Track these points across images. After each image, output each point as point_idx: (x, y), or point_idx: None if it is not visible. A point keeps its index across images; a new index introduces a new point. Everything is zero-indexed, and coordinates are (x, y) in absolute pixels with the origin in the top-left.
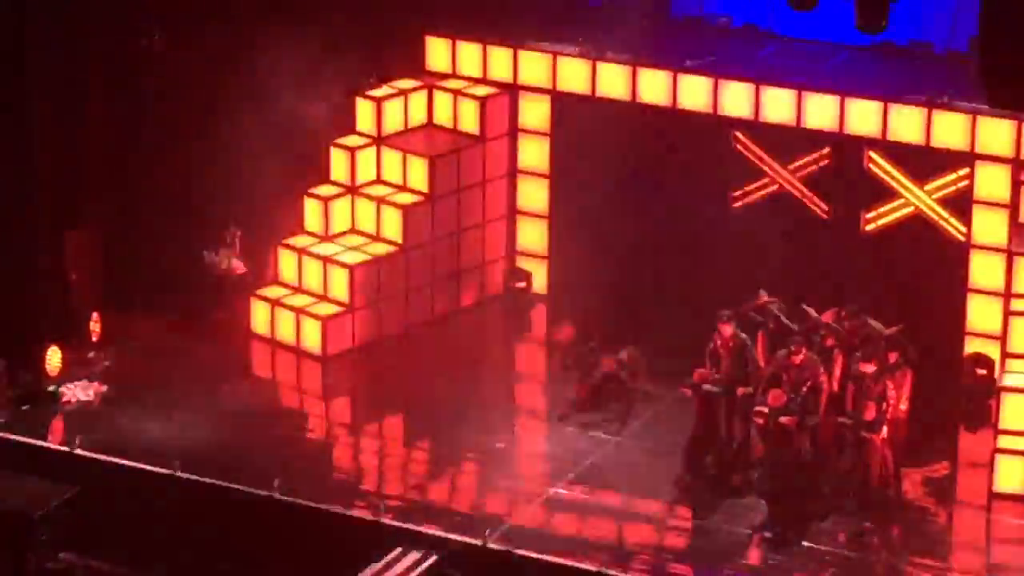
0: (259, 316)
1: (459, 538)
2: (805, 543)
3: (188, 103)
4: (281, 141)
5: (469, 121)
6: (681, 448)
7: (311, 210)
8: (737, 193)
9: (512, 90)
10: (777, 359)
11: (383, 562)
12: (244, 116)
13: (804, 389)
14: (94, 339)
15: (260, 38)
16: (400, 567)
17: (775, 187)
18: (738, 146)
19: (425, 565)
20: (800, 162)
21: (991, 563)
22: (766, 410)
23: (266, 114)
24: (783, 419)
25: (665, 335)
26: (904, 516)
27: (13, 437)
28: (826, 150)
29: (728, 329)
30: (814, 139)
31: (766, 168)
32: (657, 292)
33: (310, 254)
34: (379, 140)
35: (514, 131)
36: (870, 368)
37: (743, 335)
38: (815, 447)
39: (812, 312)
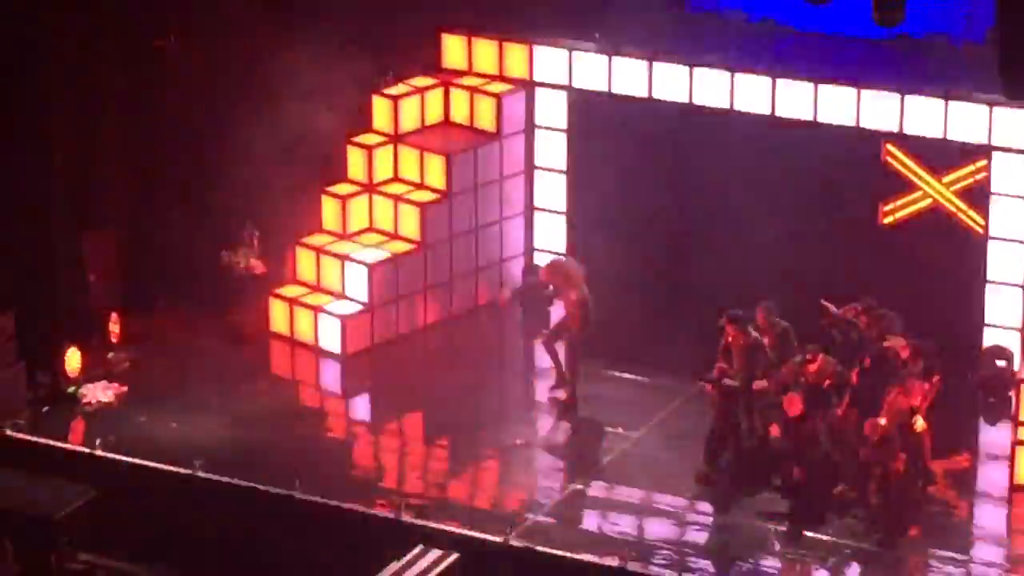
0: (278, 315)
1: (480, 535)
2: (826, 537)
3: (205, 103)
4: (298, 140)
5: (486, 118)
6: (701, 442)
7: (328, 208)
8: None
9: (528, 86)
10: (793, 366)
11: (404, 560)
12: (261, 115)
13: (826, 385)
14: (113, 340)
15: (276, 37)
16: (421, 565)
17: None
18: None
19: (447, 563)
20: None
21: (1012, 555)
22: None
23: (283, 113)
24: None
25: (684, 332)
26: (925, 510)
27: (34, 439)
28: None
29: (732, 329)
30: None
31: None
32: (674, 288)
33: (328, 253)
34: (396, 138)
35: (531, 127)
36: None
37: (754, 333)
38: (834, 441)
39: (832, 308)
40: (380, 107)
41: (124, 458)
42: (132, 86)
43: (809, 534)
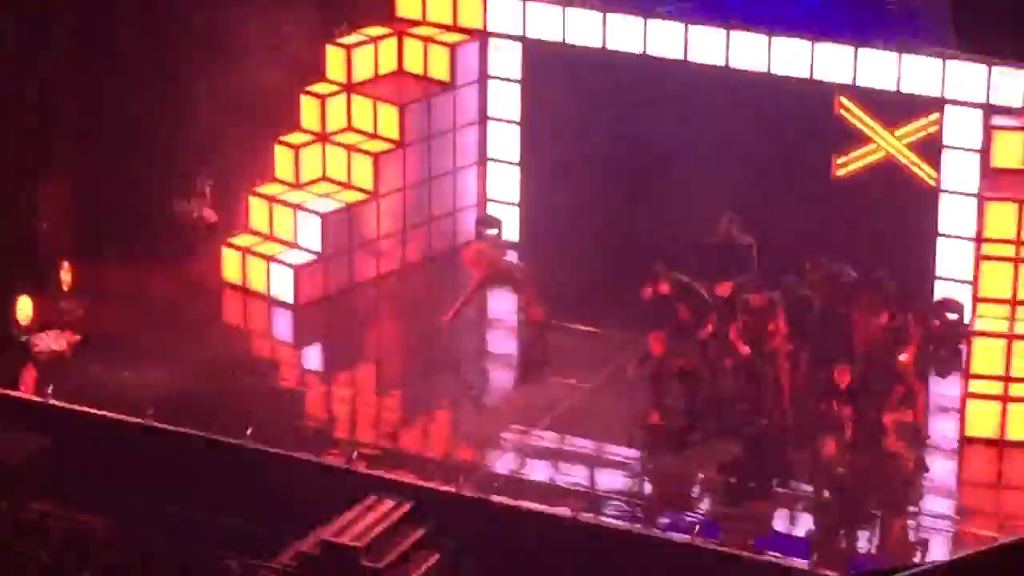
0: (230, 264)
1: (432, 485)
2: (778, 487)
3: (159, 52)
4: (252, 89)
5: (439, 68)
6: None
7: (281, 158)
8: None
9: (482, 36)
10: (740, 303)
11: (357, 509)
12: (215, 64)
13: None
14: (65, 288)
15: None
16: (375, 514)
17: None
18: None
19: (399, 512)
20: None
21: (962, 507)
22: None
23: (237, 62)
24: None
25: (637, 282)
26: (874, 461)
27: None
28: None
29: (665, 286)
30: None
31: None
32: (627, 238)
33: (281, 202)
34: (349, 87)
35: (484, 78)
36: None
37: (683, 277)
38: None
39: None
40: (333, 57)
41: (76, 406)
42: (84, 35)
43: (760, 482)
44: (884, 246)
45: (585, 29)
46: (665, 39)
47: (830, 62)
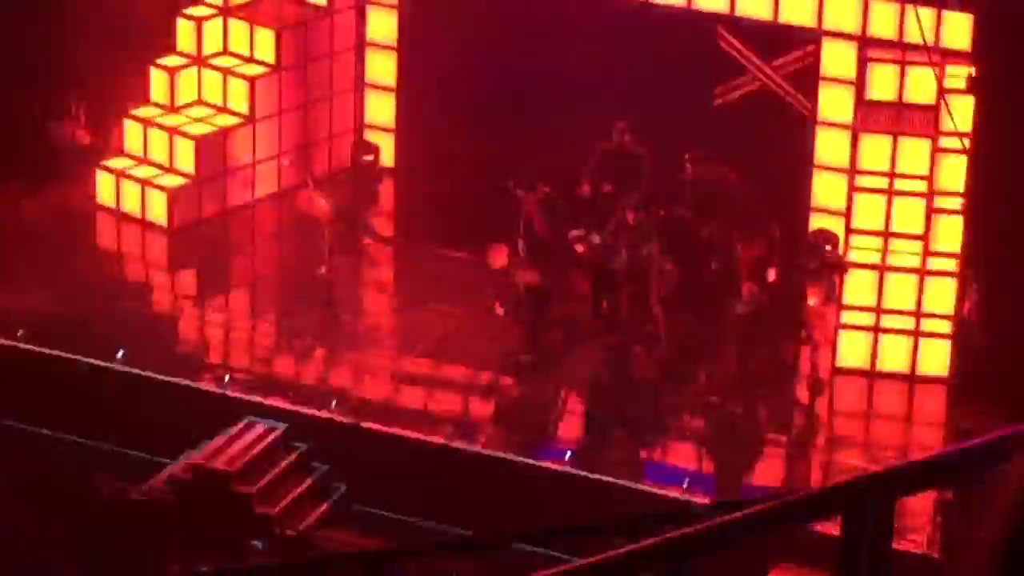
0: (104, 188)
1: (305, 411)
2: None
3: None
4: (127, 10)
5: None
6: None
7: (157, 81)
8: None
9: None
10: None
11: (230, 433)
12: None
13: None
14: None
15: None
16: (247, 438)
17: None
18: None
19: (272, 437)
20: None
21: (833, 436)
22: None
23: None
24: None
25: (512, 211)
26: (747, 391)
27: None
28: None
29: (532, 198)
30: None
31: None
32: (503, 168)
33: (156, 125)
34: (226, 11)
35: (362, 3)
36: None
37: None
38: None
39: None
40: None
41: None
42: None
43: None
44: (762, 178)
45: None
46: None
47: None
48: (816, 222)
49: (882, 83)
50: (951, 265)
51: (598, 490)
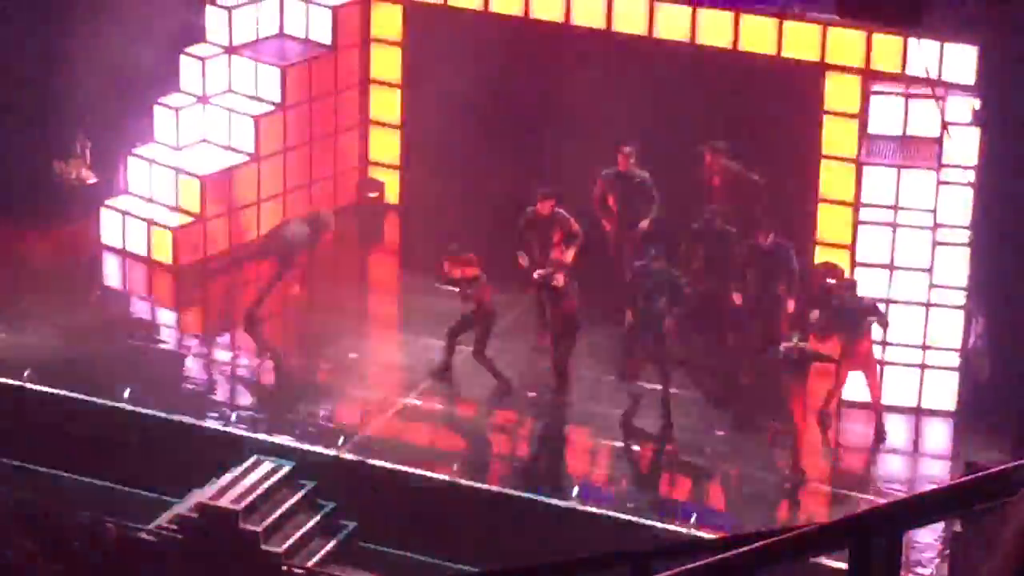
0: (109, 226)
1: (312, 448)
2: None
3: (36, 13)
4: (131, 50)
5: (321, 30)
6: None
7: (161, 120)
8: None
9: None
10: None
11: (236, 471)
12: (93, 24)
13: None
14: None
15: None
16: (253, 476)
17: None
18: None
19: (278, 474)
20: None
21: (840, 470)
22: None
23: (116, 22)
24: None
25: (519, 247)
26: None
27: None
28: None
29: (547, 206)
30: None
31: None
32: (509, 205)
33: (161, 164)
34: (231, 49)
35: (366, 40)
36: None
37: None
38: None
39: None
40: (214, 18)
41: None
42: None
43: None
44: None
45: None
46: (547, 3)
47: (712, 28)
48: (821, 255)
49: (886, 116)
50: (956, 298)
51: (605, 525)
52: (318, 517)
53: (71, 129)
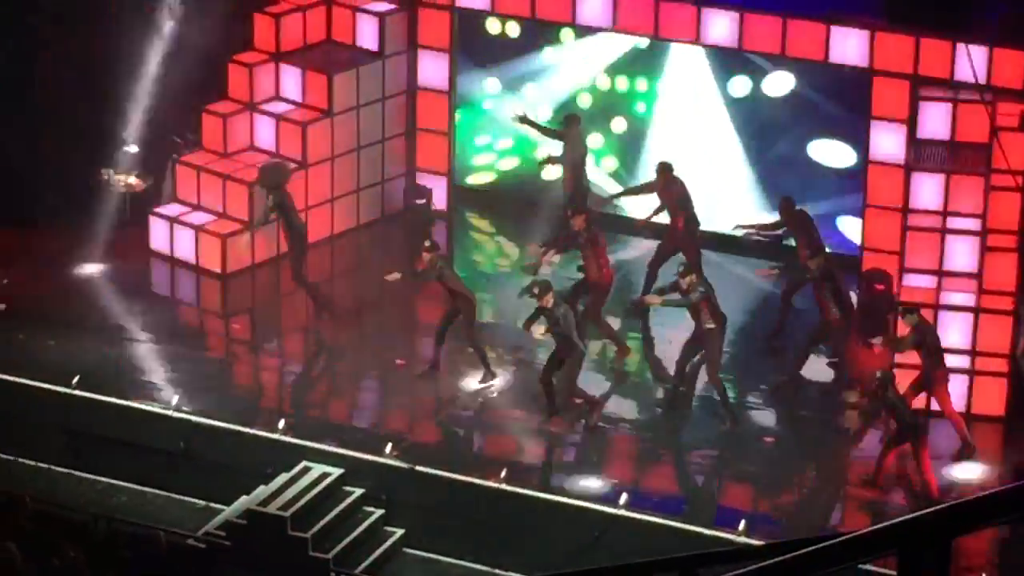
0: (158, 234)
1: (360, 455)
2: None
3: (84, 17)
4: (179, 57)
5: (368, 37)
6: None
7: (209, 127)
8: None
9: (411, 5)
10: None
11: (284, 478)
12: (141, 32)
13: None
14: None
15: None
16: (302, 483)
17: None
18: None
19: (327, 481)
20: None
21: (888, 475)
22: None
23: (164, 30)
24: None
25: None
26: (796, 429)
27: None
28: None
29: (580, 220)
30: None
31: None
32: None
33: (209, 171)
34: (278, 56)
35: (414, 47)
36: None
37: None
38: None
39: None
40: (262, 25)
41: (1, 375)
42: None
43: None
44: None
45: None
46: (594, 9)
47: (758, 34)
48: (869, 261)
49: (935, 121)
50: (1006, 303)
51: (651, 530)
52: (366, 524)
53: (119, 136)
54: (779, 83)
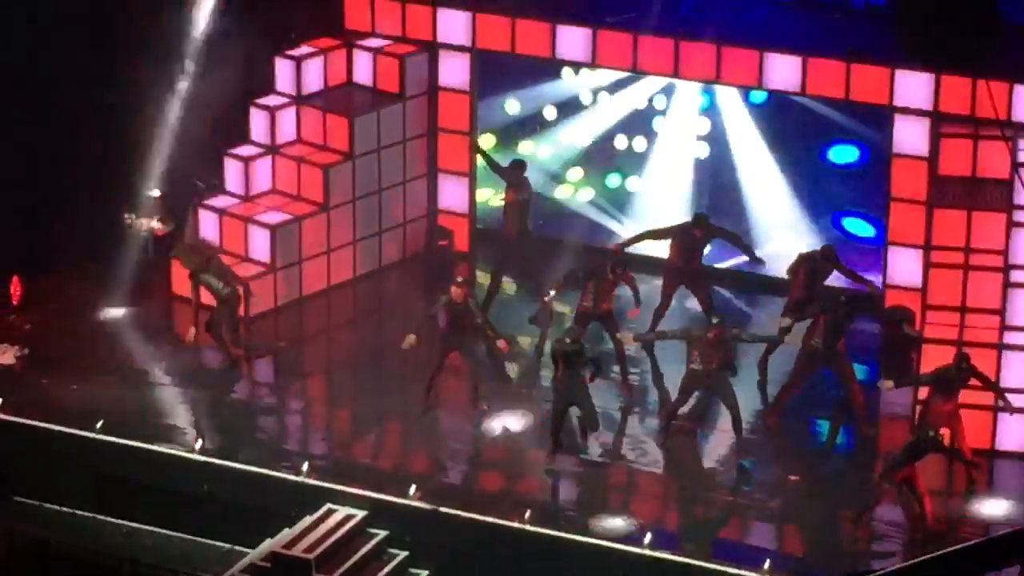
0: (181, 277)
1: (384, 497)
2: (741, 489)
3: (104, 64)
4: (201, 101)
5: (389, 80)
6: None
7: (231, 170)
8: None
9: (431, 48)
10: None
11: (309, 520)
12: (164, 78)
13: None
14: (14, 302)
15: None
16: (326, 525)
17: None
18: None
19: (351, 523)
20: None
21: (912, 514)
22: None
23: (186, 75)
24: None
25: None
26: (828, 468)
27: None
28: None
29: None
30: None
31: None
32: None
33: (230, 214)
34: (299, 99)
35: (434, 89)
36: None
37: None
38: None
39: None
40: (283, 68)
41: (25, 420)
42: (30, 52)
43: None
44: None
45: (534, 40)
46: (614, 49)
47: (779, 71)
48: (892, 298)
49: (955, 158)
50: None
51: (679, 571)
52: (391, 566)
53: (142, 180)
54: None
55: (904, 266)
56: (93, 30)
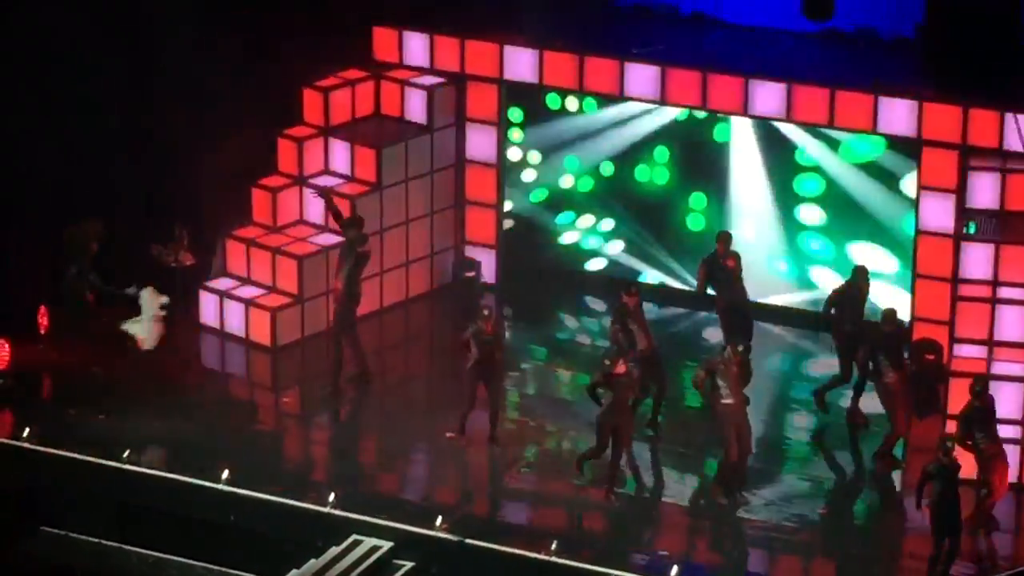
0: (208, 308)
1: (410, 528)
2: (755, 518)
3: (134, 97)
4: (230, 133)
5: (416, 111)
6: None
7: (259, 201)
8: None
9: (459, 79)
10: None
11: (336, 551)
12: (193, 110)
13: None
14: (41, 332)
15: (206, 31)
16: (351, 557)
17: None
18: None
19: (377, 554)
20: None
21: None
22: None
23: (214, 107)
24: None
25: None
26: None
27: None
28: None
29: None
30: None
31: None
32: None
33: (258, 245)
34: (327, 130)
35: (461, 120)
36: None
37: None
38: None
39: None
40: (311, 99)
41: (53, 450)
42: (57, 83)
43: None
44: None
45: (562, 72)
46: (642, 81)
47: (806, 104)
48: (920, 331)
49: (984, 191)
50: None
51: None
52: None
53: (171, 211)
54: None
55: (932, 299)
56: (122, 74)
